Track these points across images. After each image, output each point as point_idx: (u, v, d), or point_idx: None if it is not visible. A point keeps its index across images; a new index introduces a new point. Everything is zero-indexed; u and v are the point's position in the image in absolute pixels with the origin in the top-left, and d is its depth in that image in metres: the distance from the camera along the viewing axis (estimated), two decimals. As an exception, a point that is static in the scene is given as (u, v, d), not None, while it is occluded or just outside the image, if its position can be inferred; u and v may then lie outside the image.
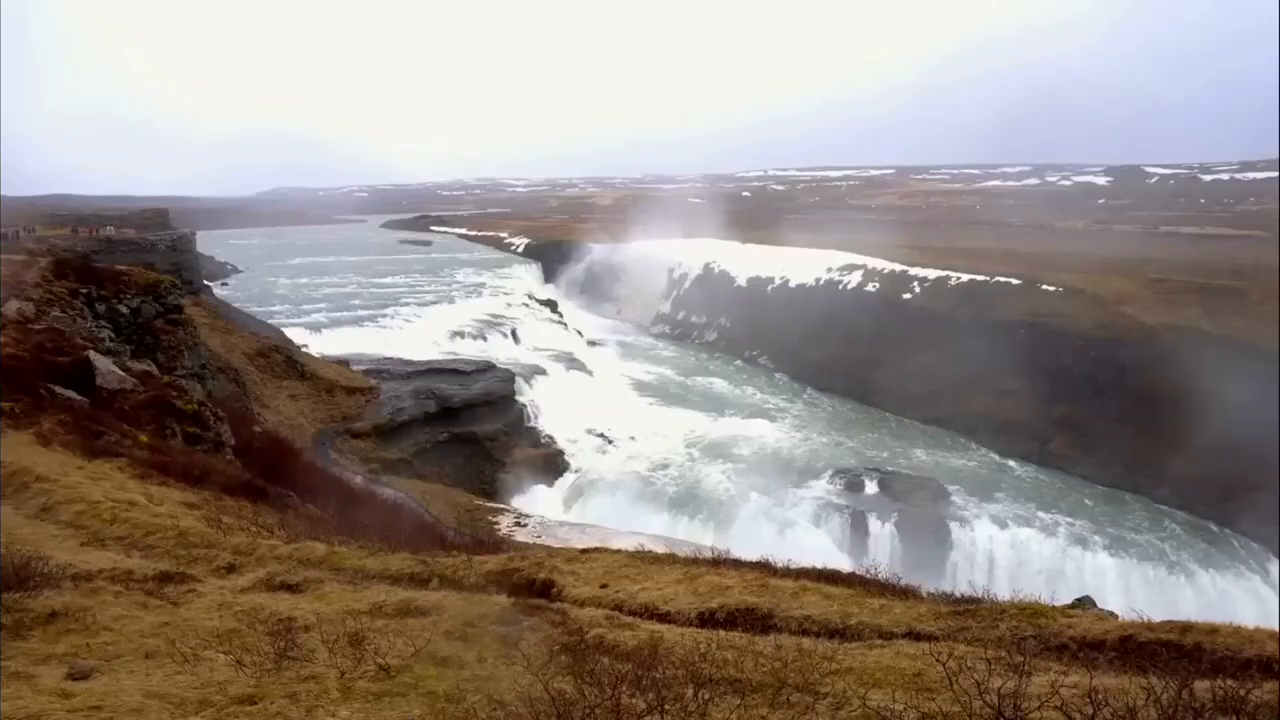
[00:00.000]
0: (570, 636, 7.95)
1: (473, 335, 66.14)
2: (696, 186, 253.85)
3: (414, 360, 54.43)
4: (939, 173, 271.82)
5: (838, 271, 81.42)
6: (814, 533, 41.58)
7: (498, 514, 36.66)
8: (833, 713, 5.69)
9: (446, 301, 77.81)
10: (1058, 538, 42.22)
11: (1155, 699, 4.78)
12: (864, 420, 63.25)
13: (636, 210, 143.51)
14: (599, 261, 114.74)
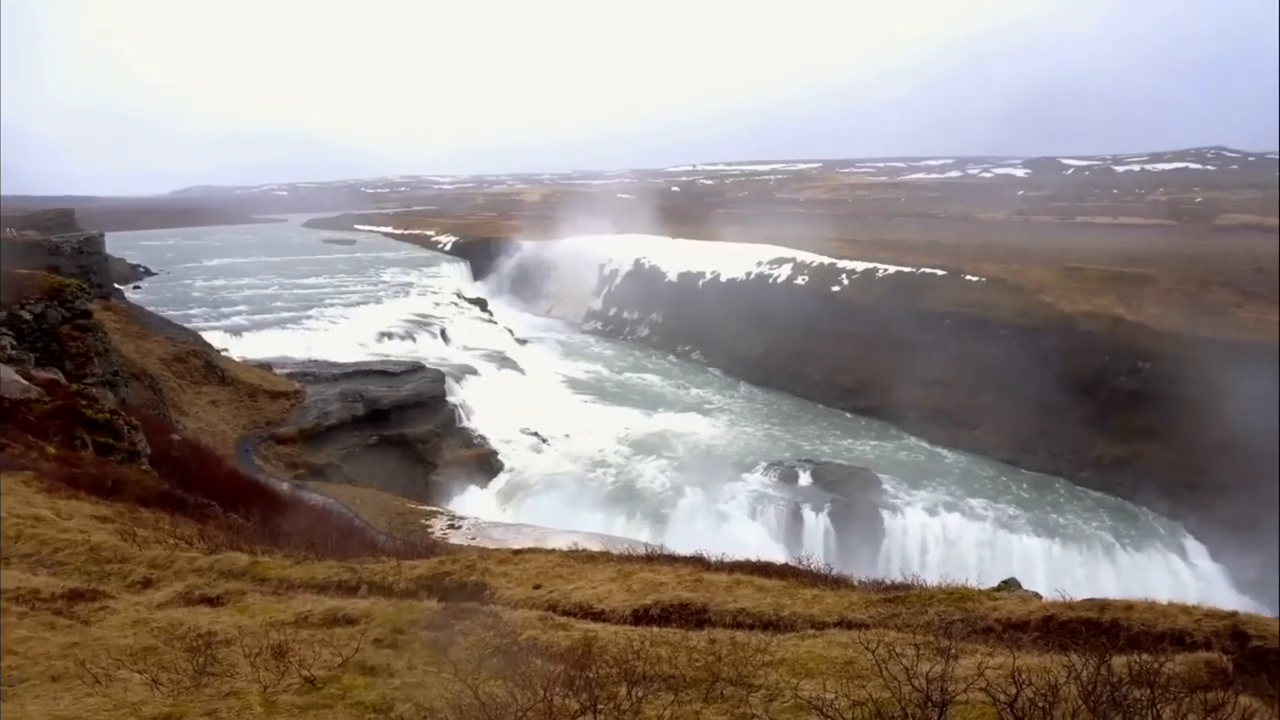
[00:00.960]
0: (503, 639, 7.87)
1: (401, 336, 65.10)
2: (625, 182, 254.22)
3: (340, 362, 53.37)
4: (864, 166, 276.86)
5: (768, 265, 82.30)
6: (750, 525, 41.93)
7: (431, 517, 36.10)
8: (766, 704, 5.71)
9: (373, 302, 76.44)
10: (986, 522, 43.30)
11: (1075, 676, 4.88)
12: (797, 412, 64.08)
13: (566, 206, 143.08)
14: (529, 259, 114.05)
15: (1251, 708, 4.82)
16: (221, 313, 68.60)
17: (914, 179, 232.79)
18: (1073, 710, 4.66)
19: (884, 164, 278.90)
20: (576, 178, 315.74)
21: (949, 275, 68.22)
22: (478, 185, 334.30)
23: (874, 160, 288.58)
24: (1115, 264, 67.68)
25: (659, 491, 45.06)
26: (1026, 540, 42.24)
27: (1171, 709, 4.66)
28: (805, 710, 5.43)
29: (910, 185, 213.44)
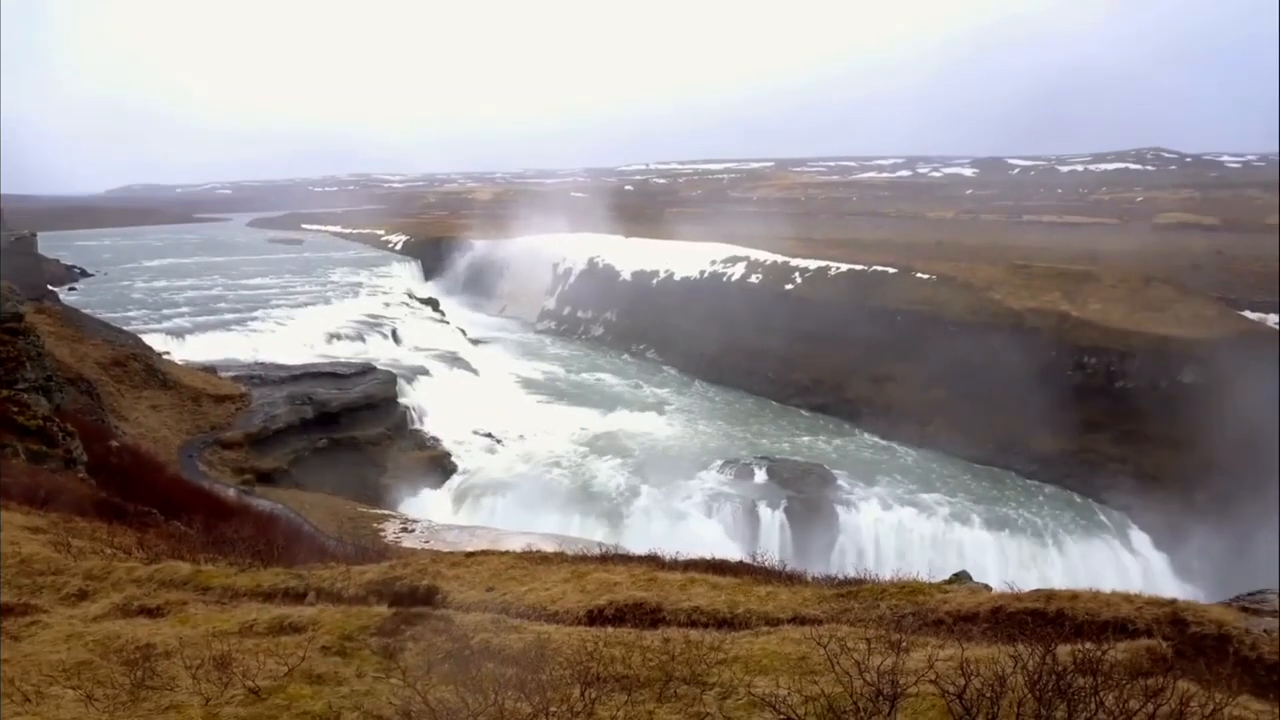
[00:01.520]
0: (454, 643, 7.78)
1: (350, 337, 64.18)
2: (579, 181, 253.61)
3: (288, 364, 52.45)
4: (816, 165, 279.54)
5: (722, 264, 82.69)
6: (706, 523, 42.06)
7: (383, 521, 35.65)
8: (720, 703, 5.70)
9: (322, 302, 75.30)
10: (939, 516, 43.92)
11: (1022, 665, 4.95)
12: (752, 410, 64.47)
13: (518, 205, 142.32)
14: (481, 258, 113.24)
15: (1190, 692, 4.91)
16: (163, 315, 67.03)
17: (865, 178, 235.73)
18: (1019, 699, 4.71)
19: (835, 163, 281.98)
20: (529, 176, 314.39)
21: (900, 273, 69.15)
22: (429, 184, 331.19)
23: (826, 159, 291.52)
24: (1061, 261, 69.19)
25: (615, 491, 45.02)
26: (978, 533, 42.93)
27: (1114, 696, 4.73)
28: (759, 707, 5.43)
29: (861, 184, 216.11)
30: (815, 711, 4.98)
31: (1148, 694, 4.80)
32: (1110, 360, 52.98)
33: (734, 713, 5.53)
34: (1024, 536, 43.08)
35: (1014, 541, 42.67)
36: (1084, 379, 53.41)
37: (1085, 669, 5.00)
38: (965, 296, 63.13)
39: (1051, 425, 51.65)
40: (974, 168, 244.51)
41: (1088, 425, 50.73)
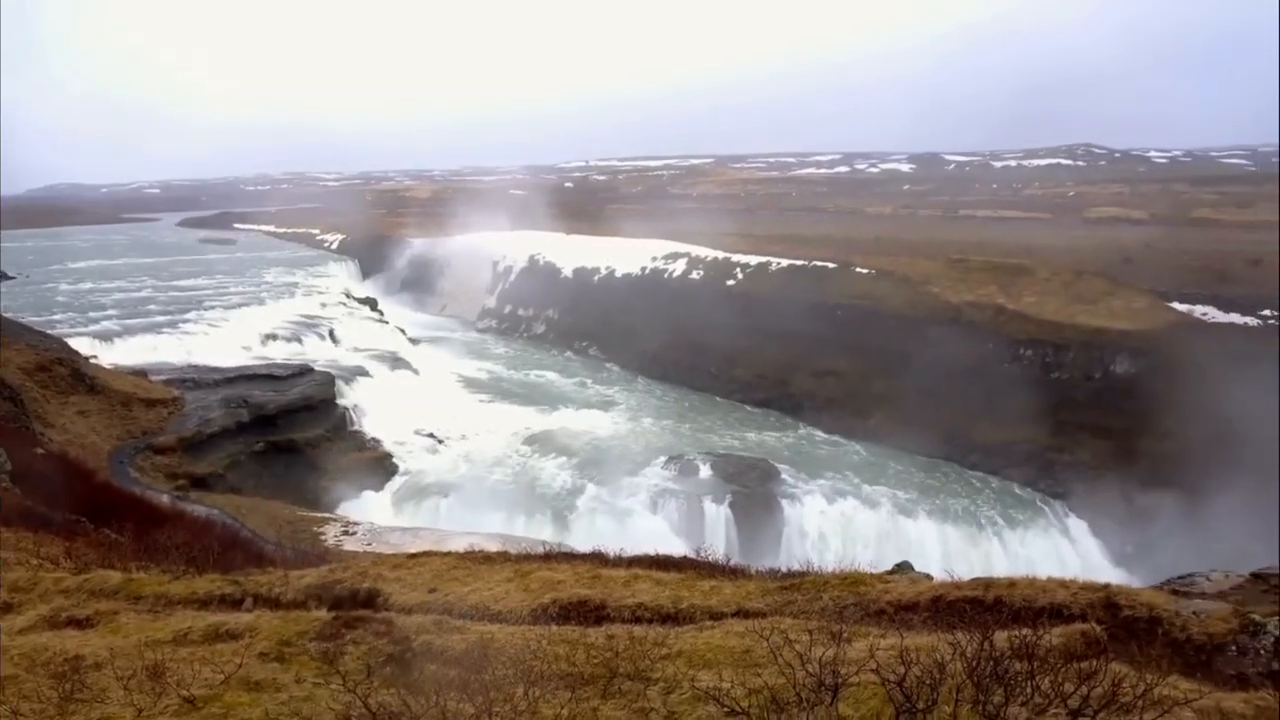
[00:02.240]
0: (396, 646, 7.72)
1: (287, 338, 62.89)
2: (518, 178, 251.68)
3: (222, 367, 51.19)
4: (755, 161, 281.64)
5: (663, 260, 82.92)
6: (651, 519, 42.13)
7: (324, 524, 35.01)
8: (664, 697, 5.72)
9: (256, 303, 73.63)
10: (883, 508, 44.52)
11: (961, 653, 5.05)
12: (695, 406, 64.76)
13: (457, 203, 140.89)
14: (420, 256, 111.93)
15: (1121, 673, 5.06)
16: (90, 317, 64.82)
17: (804, 174, 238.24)
18: (958, 686, 4.80)
19: (775, 159, 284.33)
20: (468, 174, 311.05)
21: (840, 268, 70.08)
22: (366, 182, 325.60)
23: (765, 155, 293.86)
24: (996, 255, 70.67)
25: (560, 489, 44.88)
26: (921, 524, 43.63)
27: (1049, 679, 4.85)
28: (702, 700, 5.46)
29: (801, 180, 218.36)
30: (759, 703, 5.02)
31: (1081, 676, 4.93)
32: (1046, 352, 54.37)
33: (678, 707, 5.55)
34: (966, 526, 43.95)
35: (956, 531, 43.49)
36: (1021, 371, 54.70)
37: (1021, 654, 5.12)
38: (904, 291, 64.19)
39: (990, 417, 52.80)
40: (911, 163, 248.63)
41: (1025, 416, 51.95)
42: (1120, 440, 47.99)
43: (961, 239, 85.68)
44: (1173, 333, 51.99)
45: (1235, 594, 9.15)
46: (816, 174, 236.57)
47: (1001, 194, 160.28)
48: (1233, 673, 7.14)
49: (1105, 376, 51.77)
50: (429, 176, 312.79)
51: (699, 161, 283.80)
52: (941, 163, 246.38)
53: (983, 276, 64.08)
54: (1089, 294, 58.35)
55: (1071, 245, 79.38)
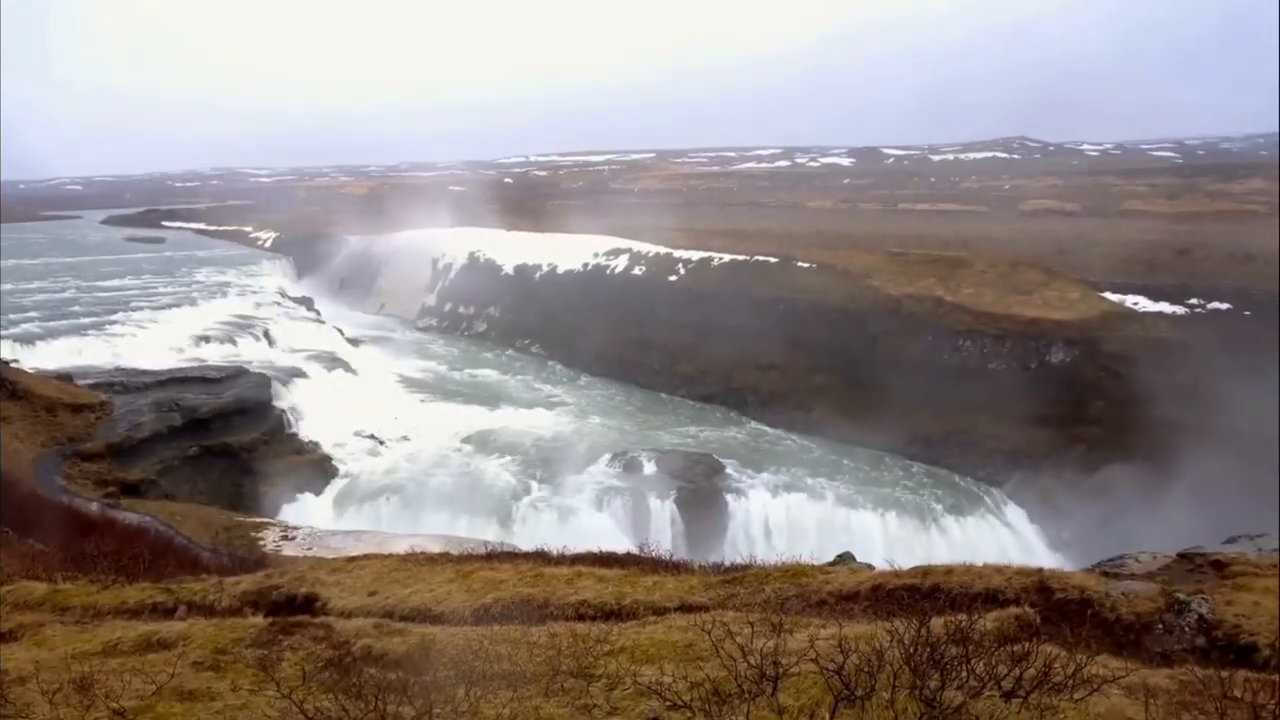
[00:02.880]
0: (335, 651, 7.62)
1: (220, 339, 61.36)
2: (456, 174, 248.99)
3: (153, 370, 49.75)
4: (696, 156, 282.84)
5: (605, 256, 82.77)
6: (596, 517, 42.09)
7: (262, 529, 34.25)
8: (607, 693, 5.71)
9: (187, 304, 71.72)
10: (826, 500, 45.00)
11: (898, 640, 5.13)
12: (639, 402, 64.84)
13: (394, 200, 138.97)
14: (357, 254, 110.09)
15: (1053, 654, 5.20)
16: (9, 320, 62.36)
17: (745, 168, 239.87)
18: (895, 672, 4.88)
19: (716, 153, 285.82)
20: (405, 170, 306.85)
21: (782, 262, 70.66)
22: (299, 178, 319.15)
23: (706, 150, 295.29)
24: (935, 248, 71.97)
25: (504, 489, 44.56)
26: (864, 515, 44.16)
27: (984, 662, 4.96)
28: (645, 695, 5.46)
29: (742, 174, 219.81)
30: (701, 696, 5.04)
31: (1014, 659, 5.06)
32: (984, 343, 55.50)
33: (621, 702, 5.55)
34: (908, 516, 44.60)
35: (898, 521, 44.09)
36: (960, 361, 55.77)
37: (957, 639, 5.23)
38: (845, 284, 64.91)
39: (931, 407, 53.74)
40: (850, 157, 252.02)
41: (964, 406, 52.99)
42: (1056, 428, 49.25)
43: (901, 232, 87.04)
44: (1105, 322, 53.55)
45: (1163, 574, 9.45)
46: (757, 168, 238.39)
47: (940, 187, 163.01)
48: (1159, 650, 7.38)
49: (1041, 366, 53.08)
50: (364, 172, 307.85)
51: (640, 156, 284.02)
52: (880, 156, 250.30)
53: (922, 269, 65.13)
54: (1025, 285, 59.71)
55: (1008, 237, 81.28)
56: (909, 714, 4.67)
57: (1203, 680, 5.28)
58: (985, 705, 4.83)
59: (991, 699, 4.91)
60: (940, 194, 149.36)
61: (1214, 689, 4.85)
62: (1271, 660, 6.96)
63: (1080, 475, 45.01)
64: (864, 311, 61.37)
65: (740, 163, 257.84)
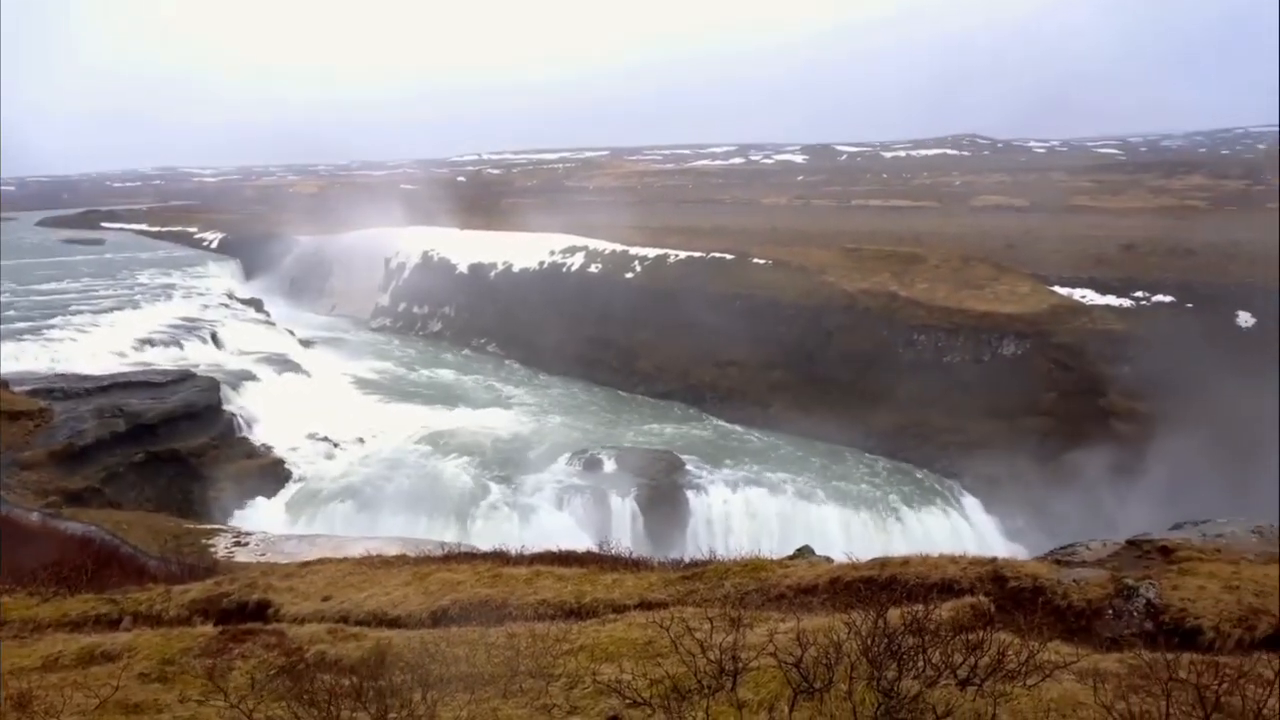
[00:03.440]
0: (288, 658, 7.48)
1: (165, 343, 59.91)
2: (409, 172, 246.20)
3: (95, 375, 48.33)
4: (651, 153, 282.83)
5: (560, 254, 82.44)
6: (557, 516, 41.89)
7: (213, 535, 33.56)
8: (566, 692, 5.66)
9: (130, 307, 69.90)
10: (786, 494, 45.21)
11: (856, 631, 5.16)
12: (597, 400, 64.72)
13: (345, 199, 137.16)
14: (308, 254, 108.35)
15: (1007, 642, 5.26)
16: (-60, 326, 60.39)
17: (700, 165, 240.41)
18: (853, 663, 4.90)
19: (670, 151, 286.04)
20: (356, 169, 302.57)
21: (738, 259, 70.94)
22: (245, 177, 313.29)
23: (661, 147, 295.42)
24: (888, 244, 72.76)
25: (462, 489, 44.15)
26: (824, 508, 44.47)
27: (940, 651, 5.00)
28: (605, 694, 5.43)
29: (696, 172, 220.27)
30: (660, 693, 5.02)
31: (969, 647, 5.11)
32: (938, 337, 56.22)
33: (580, 701, 5.51)
34: (866, 509, 45.01)
35: (857, 514, 44.47)
36: (915, 355, 56.44)
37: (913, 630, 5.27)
38: (801, 280, 65.34)
39: (887, 401, 54.36)
40: (804, 154, 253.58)
41: (920, 399, 53.67)
42: (1009, 419, 50.11)
43: (855, 228, 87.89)
44: (1055, 315, 54.62)
45: (1113, 561, 9.64)
46: (712, 165, 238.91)
47: (892, 184, 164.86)
48: (1109, 635, 7.52)
49: (994, 359, 53.90)
50: (313, 171, 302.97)
51: (594, 154, 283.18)
52: (833, 153, 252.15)
53: (876, 265, 65.79)
54: (977, 280, 60.58)
55: (959, 233, 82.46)
56: (867, 705, 4.69)
57: (1150, 664, 5.38)
58: (941, 694, 4.87)
59: (947, 687, 4.95)
60: (893, 190, 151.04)
61: (1161, 672, 4.93)
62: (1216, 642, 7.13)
63: (1033, 465, 45.87)
64: (820, 307, 61.83)
65: (695, 160, 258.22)
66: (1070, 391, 50.23)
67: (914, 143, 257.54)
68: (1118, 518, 34.71)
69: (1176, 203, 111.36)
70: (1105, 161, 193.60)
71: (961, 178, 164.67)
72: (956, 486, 48.65)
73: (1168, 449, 43.62)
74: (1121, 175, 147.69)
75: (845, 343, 58.62)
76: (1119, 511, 38.34)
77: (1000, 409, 50.81)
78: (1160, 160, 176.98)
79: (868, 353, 57.30)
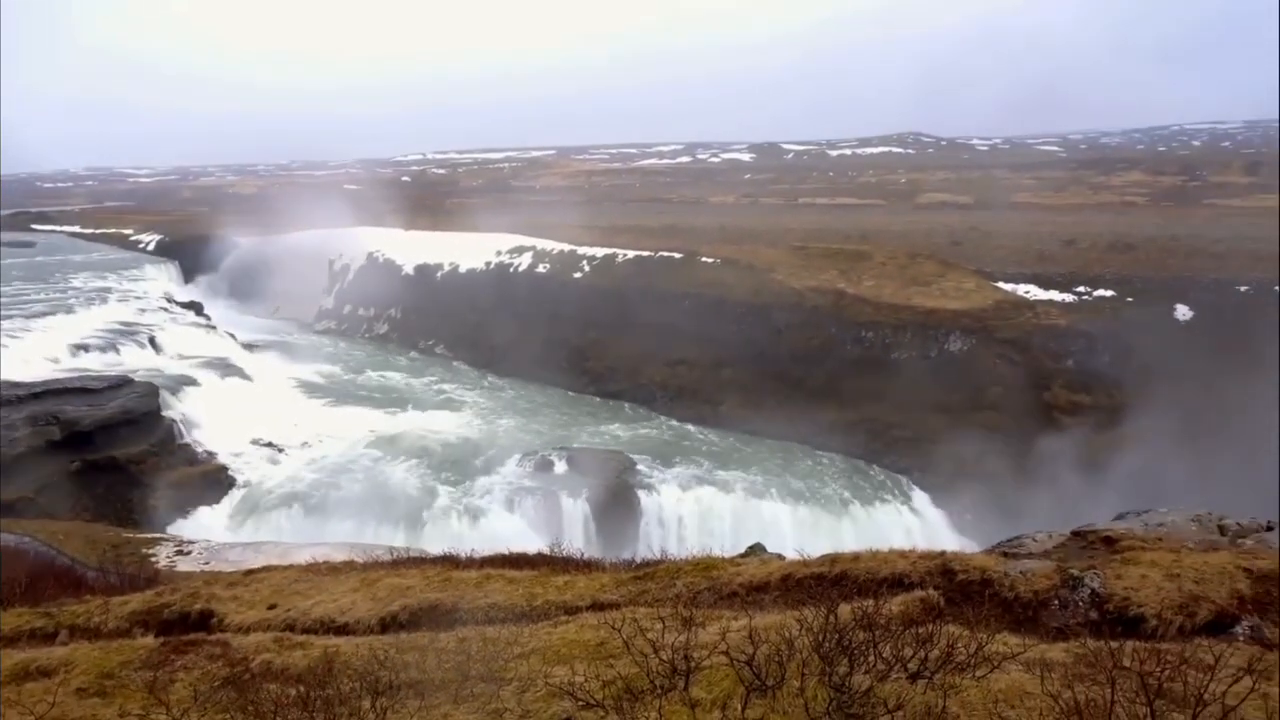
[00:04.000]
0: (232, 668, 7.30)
1: (101, 348, 58.22)
2: (352, 173, 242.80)
3: (26, 382, 46.61)
4: (598, 152, 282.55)
5: (508, 254, 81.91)
6: (508, 518, 41.61)
7: (154, 545, 32.74)
8: (518, 696, 5.61)
9: (64, 311, 67.73)
10: (737, 492, 45.40)
11: (808, 628, 5.18)
12: (548, 401, 64.39)
13: (287, 199, 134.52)
14: (249, 256, 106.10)
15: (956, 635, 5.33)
16: None
17: (647, 164, 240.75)
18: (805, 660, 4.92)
19: (617, 150, 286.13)
20: (297, 168, 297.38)
21: (686, 258, 71.14)
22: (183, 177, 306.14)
23: (608, 146, 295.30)
24: (835, 241, 73.62)
25: (411, 493, 43.64)
26: (775, 505, 44.74)
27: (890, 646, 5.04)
28: (557, 696, 5.38)
29: (644, 171, 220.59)
30: (613, 694, 4.99)
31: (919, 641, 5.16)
32: (885, 333, 56.94)
33: (533, 705, 5.45)
34: (817, 505, 45.38)
35: (809, 510, 44.80)
36: (863, 352, 57.10)
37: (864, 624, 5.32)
38: (749, 278, 65.70)
39: (836, 398, 54.95)
40: (751, 153, 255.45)
41: (869, 395, 54.31)
42: (957, 414, 50.94)
43: (802, 226, 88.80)
44: (999, 310, 55.74)
45: (1058, 552, 9.85)
46: (659, 164, 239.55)
47: (839, 182, 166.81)
48: (1056, 625, 7.67)
49: (941, 354, 54.74)
50: (253, 171, 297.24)
51: (540, 153, 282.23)
52: (780, 151, 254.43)
53: (824, 262, 66.46)
54: (923, 276, 61.52)
55: (905, 230, 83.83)
56: (819, 701, 4.71)
57: (1095, 652, 5.48)
58: (892, 687, 4.92)
59: (898, 681, 5.00)
60: (839, 188, 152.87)
61: (1105, 660, 5.03)
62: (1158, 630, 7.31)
63: (981, 459, 46.71)
64: (769, 305, 62.24)
65: (642, 159, 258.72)
66: (1015, 386, 51.28)
67: (860, 141, 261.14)
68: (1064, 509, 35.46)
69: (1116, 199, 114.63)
70: (1047, 159, 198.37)
71: (907, 175, 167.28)
72: (906, 481, 49.33)
73: (1111, 440, 44.83)
74: (1063, 172, 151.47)
75: (794, 340, 59.13)
76: (1065, 502, 39.20)
77: (948, 404, 51.69)
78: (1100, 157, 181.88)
79: (816, 350, 57.87)
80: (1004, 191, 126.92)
